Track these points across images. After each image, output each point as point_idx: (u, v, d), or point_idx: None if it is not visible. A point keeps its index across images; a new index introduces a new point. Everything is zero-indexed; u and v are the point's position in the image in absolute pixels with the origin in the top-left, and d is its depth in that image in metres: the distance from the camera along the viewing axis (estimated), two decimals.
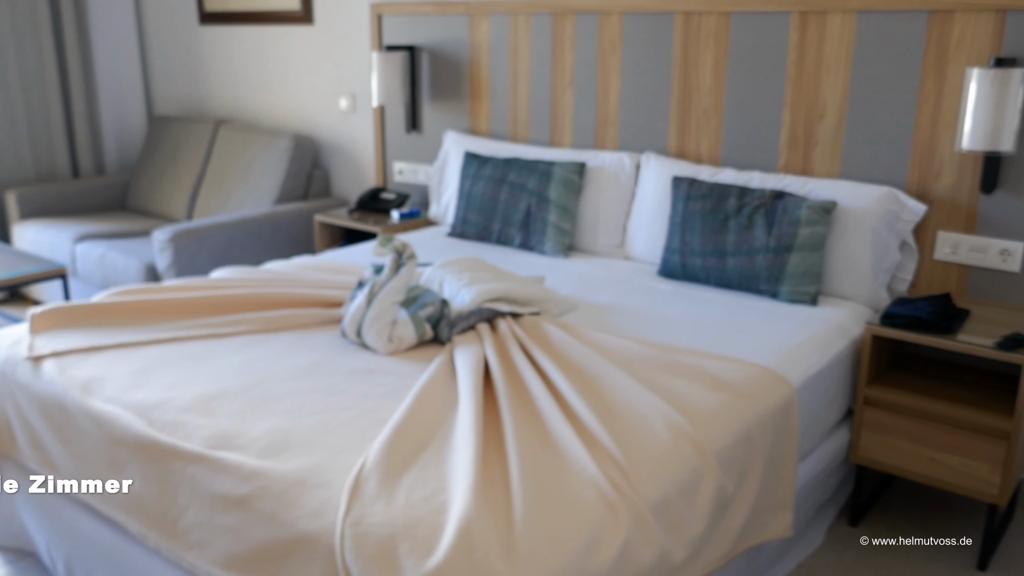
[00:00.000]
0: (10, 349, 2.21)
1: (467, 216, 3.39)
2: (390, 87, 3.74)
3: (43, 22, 4.55)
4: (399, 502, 1.50)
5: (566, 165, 3.22)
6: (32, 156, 4.64)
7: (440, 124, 3.87)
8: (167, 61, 5.04)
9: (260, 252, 3.94)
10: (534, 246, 3.22)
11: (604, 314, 2.56)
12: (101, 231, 4.19)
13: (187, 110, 5.02)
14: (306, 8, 4.25)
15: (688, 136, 3.15)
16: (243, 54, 4.64)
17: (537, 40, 3.46)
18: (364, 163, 4.26)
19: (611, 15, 3.24)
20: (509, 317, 2.31)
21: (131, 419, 1.85)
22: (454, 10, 3.66)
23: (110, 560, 2.00)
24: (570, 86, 3.42)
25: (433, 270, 2.60)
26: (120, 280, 3.83)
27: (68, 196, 4.58)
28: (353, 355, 2.15)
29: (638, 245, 3.11)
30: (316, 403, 1.87)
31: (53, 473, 2.05)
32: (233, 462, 1.66)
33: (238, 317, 2.34)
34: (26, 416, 2.11)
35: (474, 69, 3.68)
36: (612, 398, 1.90)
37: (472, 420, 1.72)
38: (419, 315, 2.24)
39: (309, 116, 4.44)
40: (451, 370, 2.03)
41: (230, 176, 4.31)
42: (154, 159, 4.69)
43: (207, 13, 4.71)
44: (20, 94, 4.54)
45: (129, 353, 2.15)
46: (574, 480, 1.59)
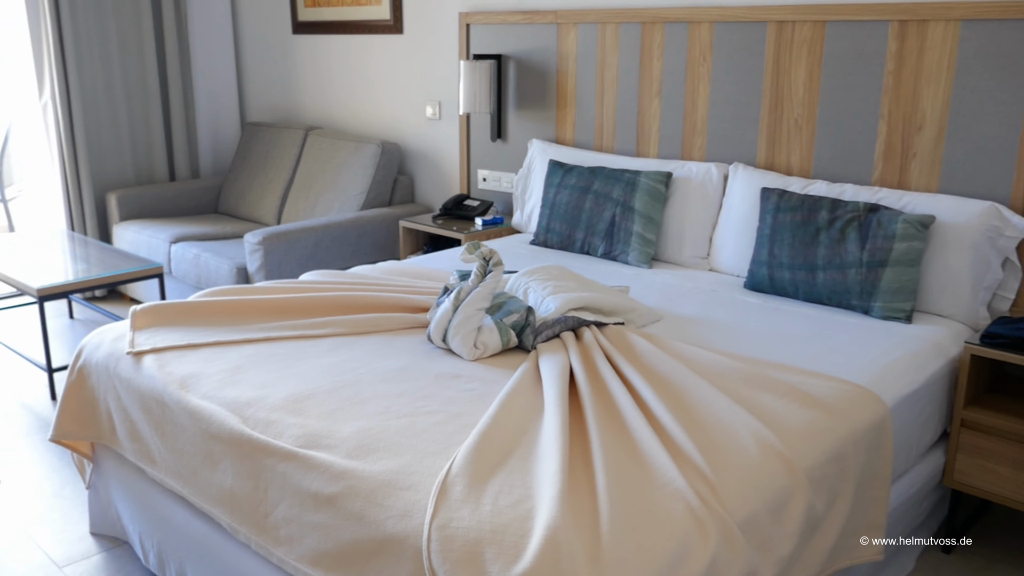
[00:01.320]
0: (113, 344, 2.30)
1: (551, 224, 3.39)
2: (476, 95, 3.78)
3: (147, 35, 4.74)
4: (486, 507, 1.51)
5: (652, 175, 3.20)
6: (133, 161, 4.83)
7: (525, 132, 3.88)
8: (261, 70, 5.19)
9: (346, 256, 4.02)
10: (618, 256, 3.20)
11: (689, 326, 2.53)
12: (195, 233, 4.33)
13: (279, 117, 5.16)
14: (396, 18, 4.33)
15: (778, 147, 3.09)
16: (334, 62, 4.74)
17: (625, 49, 3.45)
18: (449, 170, 4.31)
19: (702, 24, 3.21)
20: (594, 326, 2.30)
21: (226, 416, 1.90)
22: (542, 19, 3.68)
23: (201, 552, 2.06)
24: (657, 95, 3.39)
25: (517, 278, 2.61)
26: (212, 280, 3.95)
27: (165, 199, 4.76)
28: (439, 360, 2.17)
29: (724, 257, 3.07)
30: (403, 406, 1.90)
31: (150, 465, 2.12)
32: (323, 461, 1.69)
33: (327, 319, 2.39)
34: (126, 409, 2.19)
35: (560, 78, 3.69)
36: (699, 411, 1.88)
37: (558, 428, 1.72)
38: (504, 322, 2.25)
39: (396, 123, 4.51)
40: (536, 378, 2.03)
41: (318, 181, 4.41)
42: (246, 164, 4.83)
43: (300, 23, 4.83)
44: (124, 102, 4.73)
45: (223, 351, 2.21)
46: (661, 492, 1.57)
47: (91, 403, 2.34)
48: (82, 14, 4.51)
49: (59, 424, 2.37)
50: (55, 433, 2.37)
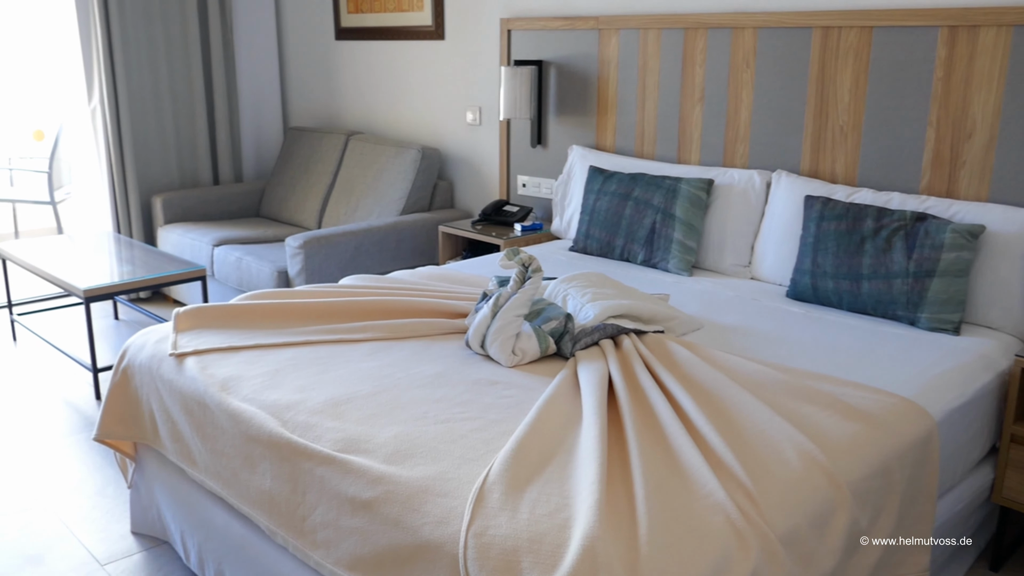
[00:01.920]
0: (156, 346, 2.33)
1: (590, 231, 3.38)
2: (517, 101, 3.78)
3: (193, 42, 4.81)
4: (523, 516, 1.50)
5: (693, 182, 3.17)
6: (178, 164, 4.91)
7: (565, 138, 3.87)
8: (304, 75, 5.24)
9: (385, 260, 4.04)
10: (658, 263, 3.18)
11: (730, 335, 2.50)
12: (237, 236, 4.38)
13: (321, 122, 5.21)
14: (438, 24, 4.34)
15: (823, 154, 3.05)
16: (375, 68, 4.77)
17: (667, 55, 3.43)
18: (488, 176, 4.31)
19: (745, 30, 3.17)
20: (633, 334, 2.28)
21: (265, 418, 1.91)
22: (584, 25, 3.67)
23: (240, 553, 2.08)
24: (699, 102, 3.37)
25: (556, 284, 2.60)
26: (254, 283, 3.99)
27: (208, 202, 4.82)
28: (477, 366, 2.17)
29: (766, 265, 3.03)
30: (441, 412, 1.89)
31: (191, 466, 2.14)
32: (361, 466, 1.70)
33: (366, 324, 2.40)
34: (168, 410, 2.22)
35: (601, 84, 3.68)
36: (740, 422, 1.85)
37: (596, 437, 1.70)
38: (543, 329, 2.24)
39: (436, 129, 4.53)
40: (574, 385, 2.01)
41: (359, 186, 4.44)
42: (288, 168, 4.88)
43: (343, 29, 4.87)
44: (170, 108, 4.81)
45: (264, 354, 2.23)
46: (701, 504, 1.55)
47: (134, 404, 2.37)
48: (131, 21, 4.59)
49: (103, 424, 2.40)
50: (99, 432, 2.40)
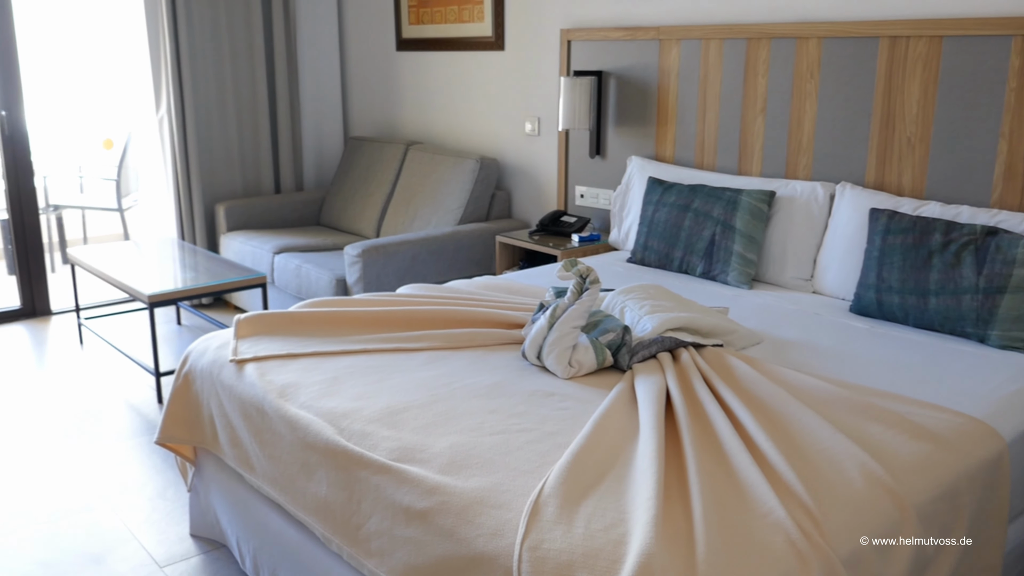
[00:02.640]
0: (217, 352, 2.37)
1: (648, 242, 3.35)
2: (576, 112, 3.77)
3: (258, 54, 4.91)
4: (578, 530, 1.48)
5: (754, 193, 3.12)
6: (241, 173, 5.00)
7: (624, 149, 3.85)
8: (365, 85, 5.31)
9: (443, 270, 4.06)
10: (717, 276, 3.13)
11: (791, 350, 2.45)
12: (297, 244, 4.44)
13: (380, 132, 5.26)
14: (498, 35, 4.36)
15: (889, 167, 2.98)
16: (435, 78, 4.81)
17: (729, 65, 3.39)
18: (546, 186, 4.31)
19: (809, 40, 3.12)
20: (691, 348, 2.25)
21: (323, 426, 1.93)
22: (644, 35, 3.65)
23: (294, 559, 2.09)
24: (761, 113, 3.32)
25: (614, 296, 2.58)
26: (313, 291, 4.04)
27: (270, 211, 4.90)
28: (533, 377, 2.16)
29: (829, 279, 2.97)
30: (497, 423, 1.89)
31: (249, 471, 2.17)
32: (416, 475, 1.70)
33: (423, 333, 2.41)
34: (228, 415, 2.25)
35: (661, 94, 3.65)
36: (801, 439, 1.81)
37: (654, 452, 1.68)
38: (600, 341, 2.22)
39: (495, 139, 4.54)
40: (631, 398, 1.99)
41: (417, 195, 4.47)
42: (348, 178, 4.94)
43: (404, 40, 4.92)
44: (235, 118, 4.91)
45: (322, 362, 2.25)
46: (760, 523, 1.51)
47: (195, 408, 2.41)
48: (198, 33, 4.70)
49: (164, 428, 2.45)
50: (160, 436, 2.45)
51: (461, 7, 4.53)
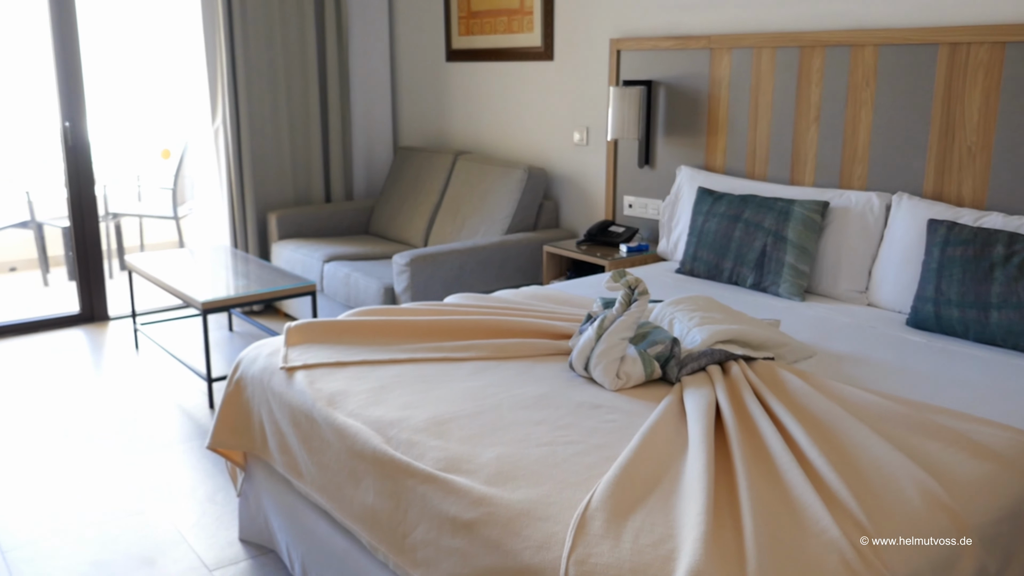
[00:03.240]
0: (268, 359, 2.40)
1: (698, 253, 3.31)
2: (625, 121, 3.75)
3: (311, 65, 4.98)
4: (626, 545, 1.46)
5: (807, 204, 3.07)
6: (293, 182, 5.07)
7: (673, 159, 3.82)
8: (415, 96, 5.34)
9: (490, 279, 4.06)
10: (768, 287, 3.08)
11: (845, 364, 2.39)
12: (347, 253, 4.48)
13: (430, 141, 5.30)
14: (547, 45, 4.36)
15: (948, 176, 2.90)
16: (484, 89, 4.83)
17: (781, 74, 3.34)
18: (594, 196, 4.29)
19: (865, 47, 3.06)
20: (742, 360, 2.21)
21: (370, 435, 1.93)
22: (695, 44, 3.62)
23: (341, 566, 2.10)
24: (815, 122, 3.26)
25: (663, 307, 2.55)
26: (361, 299, 4.07)
27: (320, 219, 4.96)
28: (580, 389, 2.14)
29: (884, 292, 2.90)
30: (544, 434, 1.87)
31: (297, 478, 2.19)
32: (462, 486, 1.69)
33: (470, 343, 2.41)
34: (277, 422, 2.27)
35: (712, 103, 3.61)
36: (856, 456, 1.76)
37: (703, 466, 1.65)
38: (648, 353, 2.19)
39: (543, 149, 4.54)
40: (680, 412, 1.96)
41: (465, 205, 4.48)
42: (397, 187, 4.98)
43: (454, 51, 4.95)
44: (287, 128, 4.98)
45: (370, 370, 2.26)
46: (814, 542, 1.48)
47: (246, 414, 2.44)
48: (253, 46, 4.78)
49: (216, 433, 2.48)
50: (211, 441, 2.48)
51: (511, 18, 4.54)
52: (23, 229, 5.94)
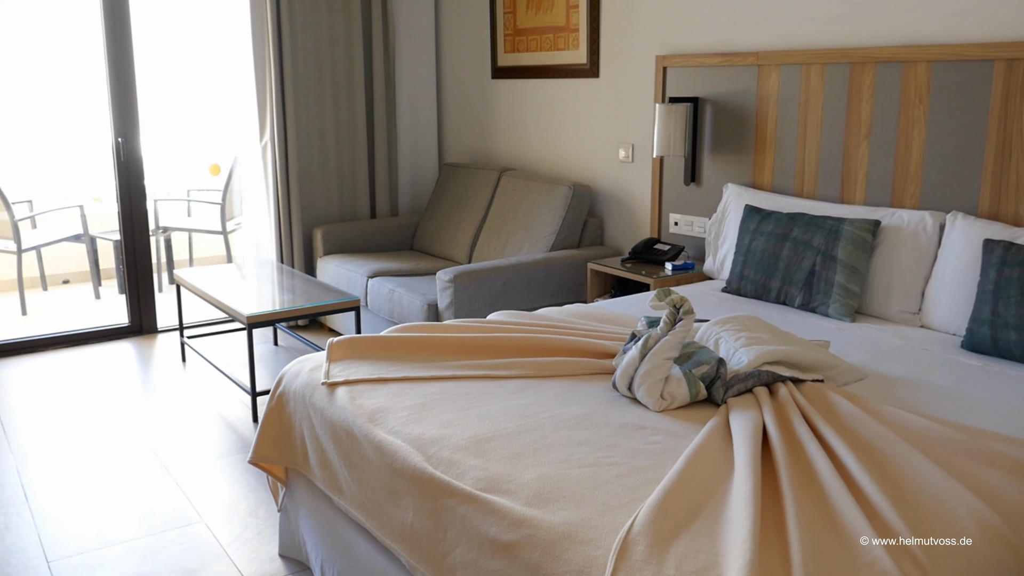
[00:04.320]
0: (310, 374, 2.40)
1: (744, 272, 3.26)
2: (671, 138, 3.71)
3: (357, 83, 5.03)
4: (669, 571, 1.42)
5: (857, 223, 3.00)
6: (339, 198, 5.12)
7: (720, 176, 3.77)
8: (460, 112, 5.37)
9: (533, 296, 4.04)
10: (817, 307, 3.02)
11: (897, 387, 2.33)
12: (391, 268, 4.50)
13: (474, 158, 5.31)
14: (593, 62, 4.35)
15: (1005, 196, 2.82)
16: (529, 106, 4.83)
17: (831, 91, 3.29)
18: (639, 213, 4.26)
19: (918, 64, 3.00)
20: (790, 383, 2.16)
21: (410, 452, 1.92)
22: (743, 61, 3.58)
23: None
24: (866, 139, 3.20)
25: (708, 327, 2.51)
26: (405, 315, 4.08)
27: (365, 235, 4.99)
28: (623, 409, 2.11)
29: (938, 313, 2.82)
30: (586, 455, 1.84)
31: (337, 495, 2.18)
32: (503, 507, 1.67)
33: (512, 361, 2.39)
34: (318, 438, 2.27)
35: (760, 120, 3.56)
36: (908, 483, 1.71)
37: (749, 492, 1.61)
38: (693, 373, 2.15)
39: (588, 165, 4.52)
40: (726, 434, 1.92)
41: (509, 222, 4.48)
42: (441, 203, 4.99)
43: (499, 68, 4.96)
44: (333, 145, 5.03)
45: (412, 387, 2.25)
46: (864, 572, 1.43)
47: (288, 429, 2.44)
48: (302, 62, 4.84)
49: (258, 447, 2.49)
50: (254, 456, 2.49)
51: (556, 35, 4.54)
52: (76, 243, 6.07)
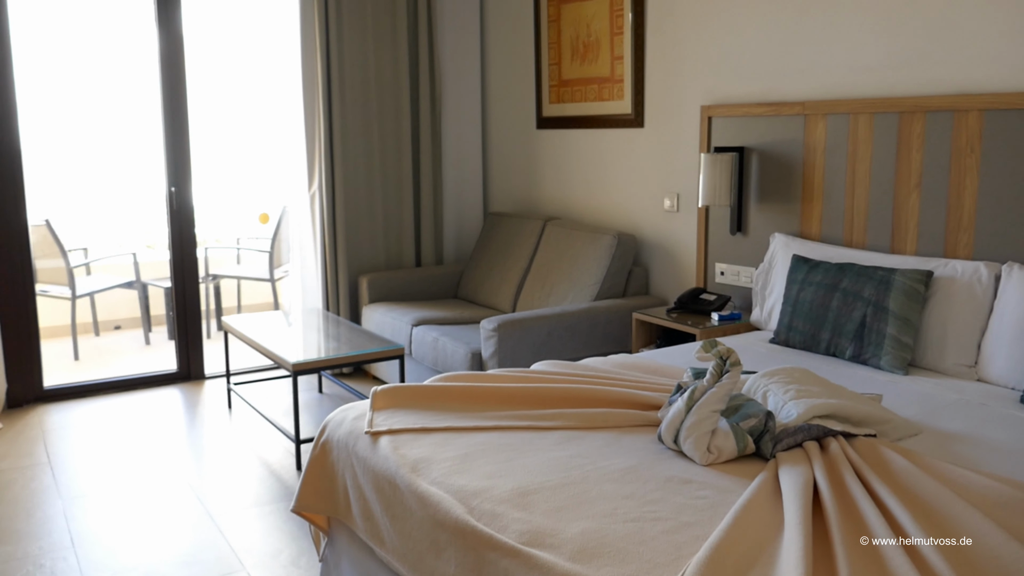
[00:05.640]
0: (353, 423, 2.40)
1: (793, 323, 3.21)
2: (717, 188, 3.70)
3: (404, 133, 5.11)
4: None
5: (909, 273, 2.95)
6: (385, 246, 5.17)
7: (767, 226, 3.74)
8: (505, 162, 5.41)
9: (578, 346, 4.02)
10: (868, 360, 2.95)
11: (954, 443, 2.25)
12: (435, 317, 4.51)
13: (519, 207, 5.34)
14: (638, 112, 4.37)
15: None
16: (574, 155, 4.85)
17: (880, 140, 3.25)
18: (685, 263, 4.23)
19: (969, 113, 2.96)
20: (841, 437, 2.11)
21: (453, 504, 1.90)
22: (789, 111, 3.56)
23: None
24: (916, 188, 3.15)
25: (756, 379, 2.46)
26: (449, 363, 4.07)
27: (410, 283, 5.02)
28: (669, 462, 2.07)
29: (996, 366, 2.74)
30: (631, 509, 1.81)
31: (379, 545, 2.16)
32: (546, 562, 1.64)
33: (556, 411, 2.37)
34: (361, 487, 2.26)
35: (807, 170, 3.53)
36: (968, 545, 1.64)
37: (800, 550, 1.56)
38: (741, 426, 2.11)
39: (632, 215, 4.51)
40: (775, 490, 1.87)
41: (554, 271, 4.48)
42: (486, 252, 5.01)
43: (544, 118, 5.01)
44: (380, 192, 5.10)
45: (455, 437, 2.24)
46: None
47: (331, 478, 2.44)
48: (350, 113, 4.94)
49: (300, 496, 2.49)
50: (296, 504, 2.49)
51: (601, 86, 4.58)
52: (128, 289, 6.20)
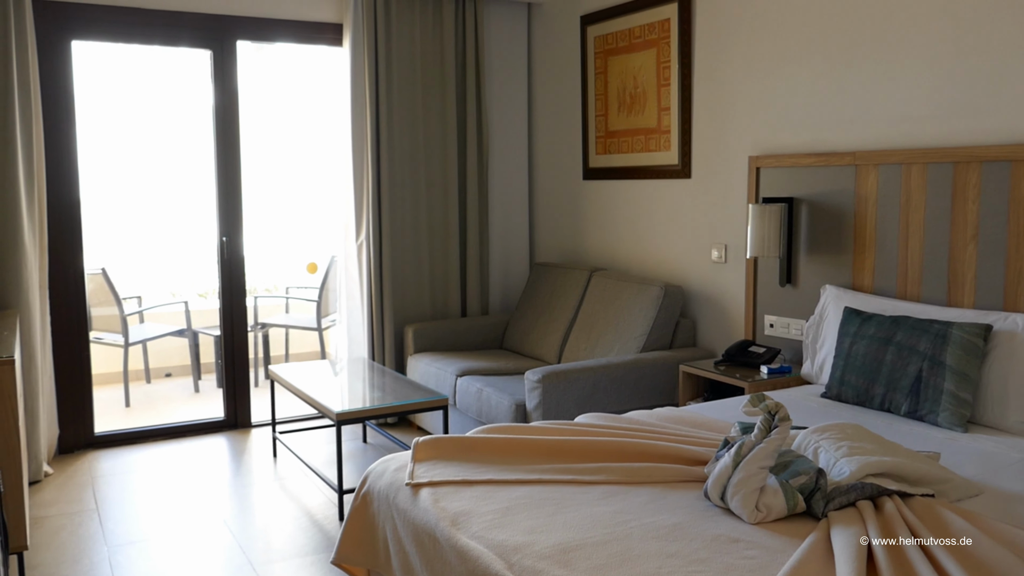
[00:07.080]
0: (395, 474, 2.38)
1: (845, 377, 3.12)
2: (765, 239, 3.65)
3: (451, 183, 5.16)
4: None
5: (967, 327, 2.86)
6: (431, 297, 5.19)
7: (817, 278, 3.67)
8: (551, 213, 5.42)
9: (623, 399, 3.96)
10: (925, 416, 2.86)
11: (1017, 504, 2.15)
12: (480, 367, 4.49)
13: (565, 258, 5.33)
14: (684, 163, 4.35)
15: None
16: (620, 206, 4.84)
17: (933, 190, 3.19)
18: (733, 315, 4.16)
19: None
20: (896, 497, 2.03)
21: (492, 559, 1.86)
22: (839, 161, 3.52)
23: None
24: (973, 240, 3.07)
25: (806, 435, 2.39)
26: (493, 414, 4.04)
27: (456, 334, 5.02)
28: (716, 520, 2.01)
29: None
30: (676, 569, 1.75)
31: None
32: None
33: (600, 465, 2.32)
34: (401, 540, 2.23)
35: (858, 221, 3.47)
36: None
37: None
38: (791, 484, 2.04)
39: (679, 266, 4.47)
40: (827, 551, 1.80)
41: (600, 322, 4.44)
42: (532, 303, 5.00)
43: (591, 169, 5.02)
44: (427, 244, 5.14)
45: (496, 490, 2.20)
46: None
47: (371, 530, 2.41)
48: (398, 164, 5.00)
49: (341, 547, 2.46)
50: (336, 556, 2.46)
51: (648, 137, 4.58)
52: (180, 337, 6.29)
